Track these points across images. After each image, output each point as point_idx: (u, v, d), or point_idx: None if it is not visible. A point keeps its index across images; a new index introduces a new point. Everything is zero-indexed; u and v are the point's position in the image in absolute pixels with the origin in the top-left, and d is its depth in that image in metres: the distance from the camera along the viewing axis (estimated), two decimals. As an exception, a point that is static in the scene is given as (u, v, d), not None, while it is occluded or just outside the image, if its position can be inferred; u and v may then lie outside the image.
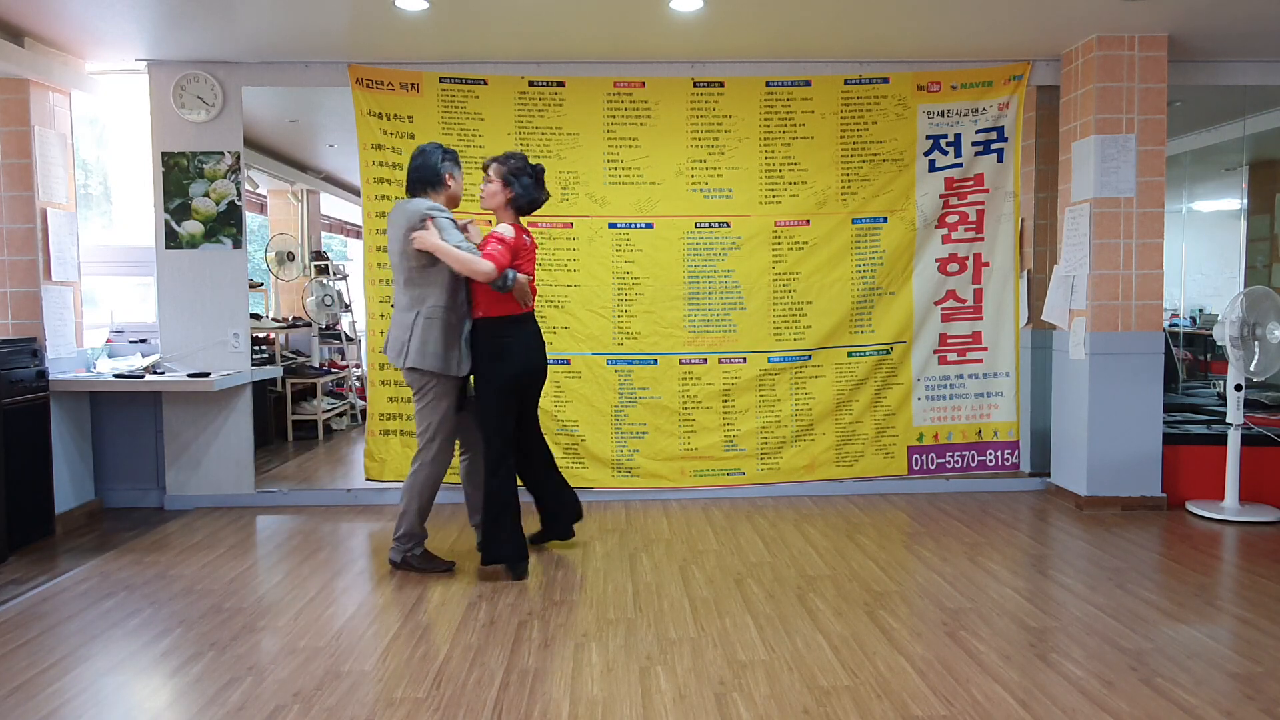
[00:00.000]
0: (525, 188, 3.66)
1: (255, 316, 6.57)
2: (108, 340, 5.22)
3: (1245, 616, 3.20)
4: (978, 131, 4.94)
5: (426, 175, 3.67)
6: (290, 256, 7.35)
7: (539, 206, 3.76)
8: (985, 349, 5.07)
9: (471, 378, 3.73)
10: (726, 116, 4.90)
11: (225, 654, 2.92)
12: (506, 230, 3.57)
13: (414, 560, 3.76)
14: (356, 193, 8.34)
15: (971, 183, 4.97)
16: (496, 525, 3.63)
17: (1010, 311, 5.03)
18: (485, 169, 3.72)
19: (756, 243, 4.93)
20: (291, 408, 7.08)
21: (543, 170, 3.74)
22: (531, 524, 4.01)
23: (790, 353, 4.99)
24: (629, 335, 4.94)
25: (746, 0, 4.01)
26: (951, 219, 5.00)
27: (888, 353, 5.04)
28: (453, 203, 3.74)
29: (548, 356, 3.85)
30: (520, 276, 3.57)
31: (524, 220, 3.77)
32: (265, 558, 4.00)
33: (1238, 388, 4.53)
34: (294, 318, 7.70)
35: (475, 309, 3.66)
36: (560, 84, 4.85)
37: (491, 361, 3.63)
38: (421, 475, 3.69)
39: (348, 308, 8.20)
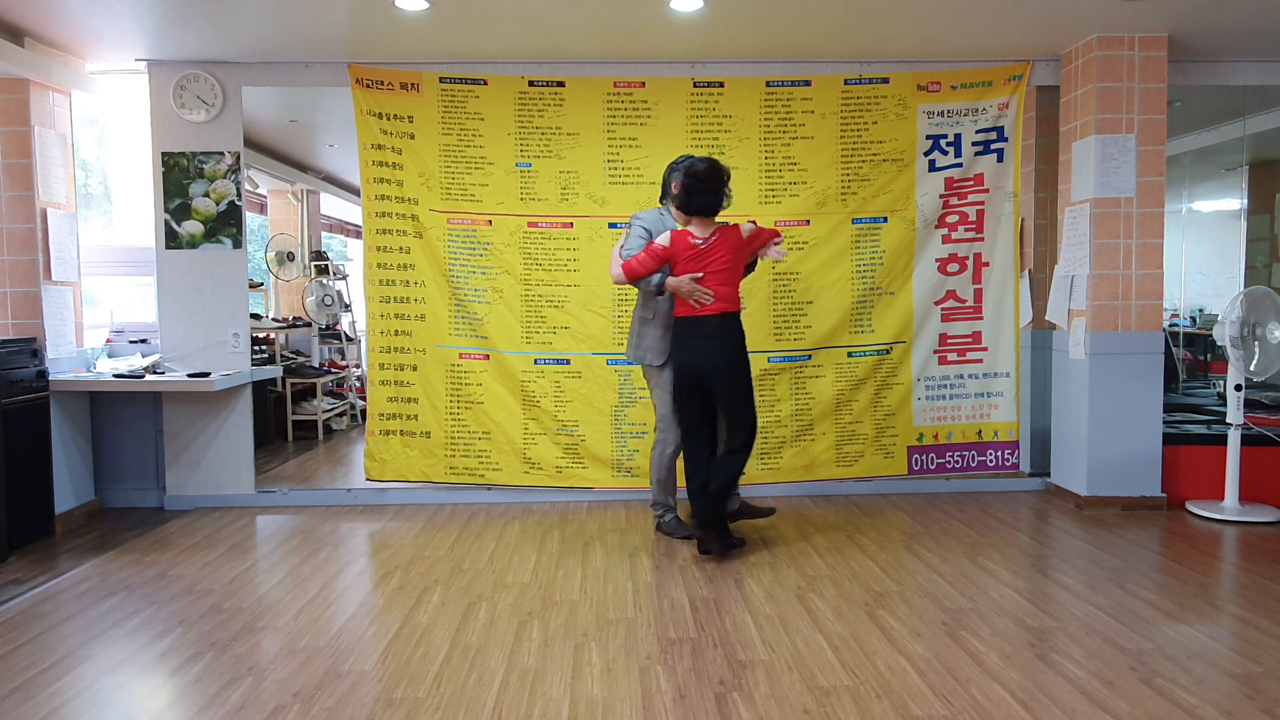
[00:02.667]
0: (682, 189, 3.83)
1: (255, 316, 6.57)
2: (108, 340, 5.22)
3: (1245, 616, 3.20)
4: (978, 131, 4.94)
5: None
6: (290, 256, 7.35)
7: (701, 208, 3.81)
8: (985, 349, 5.07)
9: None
10: (726, 116, 4.90)
11: (225, 654, 2.92)
12: (664, 238, 3.87)
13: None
14: (356, 193, 8.33)
15: (971, 183, 4.97)
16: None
17: (1010, 311, 5.03)
18: None
19: (756, 243, 4.92)
20: (291, 408, 7.09)
21: (702, 168, 3.80)
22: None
23: (790, 353, 4.99)
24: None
25: (746, 0, 4.01)
26: (951, 219, 5.00)
27: (888, 353, 5.04)
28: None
29: (710, 359, 3.84)
30: (674, 280, 3.83)
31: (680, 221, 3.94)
32: (265, 558, 4.00)
33: (1238, 388, 4.52)
34: (294, 318, 7.70)
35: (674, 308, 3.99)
36: (560, 84, 4.85)
37: (672, 355, 4.04)
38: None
39: (348, 308, 8.19)
